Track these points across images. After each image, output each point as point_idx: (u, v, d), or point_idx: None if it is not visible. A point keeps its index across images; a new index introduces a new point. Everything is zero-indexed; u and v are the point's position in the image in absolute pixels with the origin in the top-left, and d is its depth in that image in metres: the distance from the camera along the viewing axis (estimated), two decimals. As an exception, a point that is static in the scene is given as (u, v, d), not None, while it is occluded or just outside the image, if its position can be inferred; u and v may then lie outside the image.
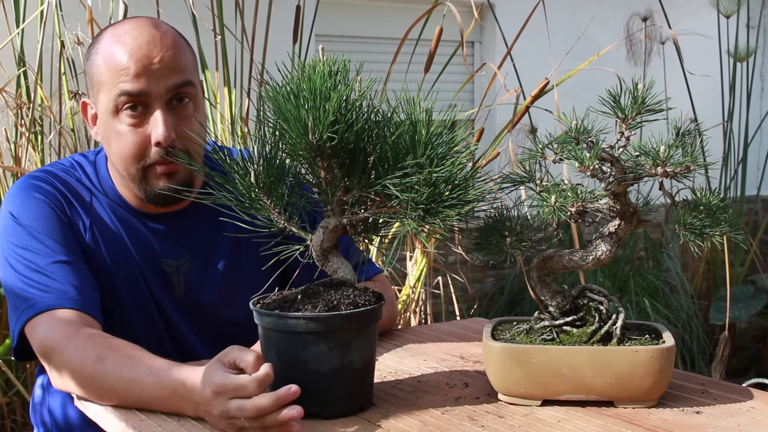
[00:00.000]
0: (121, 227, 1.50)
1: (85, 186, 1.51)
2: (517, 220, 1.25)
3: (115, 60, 1.39)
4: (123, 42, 1.40)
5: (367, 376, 1.22)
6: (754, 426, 1.13)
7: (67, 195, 1.47)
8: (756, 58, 4.91)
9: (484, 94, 2.62)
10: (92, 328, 1.34)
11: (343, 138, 1.10)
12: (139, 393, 1.19)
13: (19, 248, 1.40)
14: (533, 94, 2.39)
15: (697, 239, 1.18)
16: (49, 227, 1.42)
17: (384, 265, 2.70)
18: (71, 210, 1.47)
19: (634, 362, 1.17)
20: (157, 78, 1.39)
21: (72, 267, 1.40)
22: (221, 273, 1.55)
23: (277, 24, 2.72)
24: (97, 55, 1.43)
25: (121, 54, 1.39)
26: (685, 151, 1.14)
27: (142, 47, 1.39)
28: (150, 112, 1.40)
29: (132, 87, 1.38)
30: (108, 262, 1.48)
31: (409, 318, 2.78)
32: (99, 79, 1.42)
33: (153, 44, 1.40)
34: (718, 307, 4.21)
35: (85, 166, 1.53)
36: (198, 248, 1.54)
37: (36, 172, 1.51)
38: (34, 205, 1.44)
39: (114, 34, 1.42)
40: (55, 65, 2.61)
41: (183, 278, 1.53)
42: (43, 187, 1.46)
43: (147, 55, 1.39)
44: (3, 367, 2.23)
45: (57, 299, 1.35)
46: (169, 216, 1.52)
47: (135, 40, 1.40)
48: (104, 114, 1.43)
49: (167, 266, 1.52)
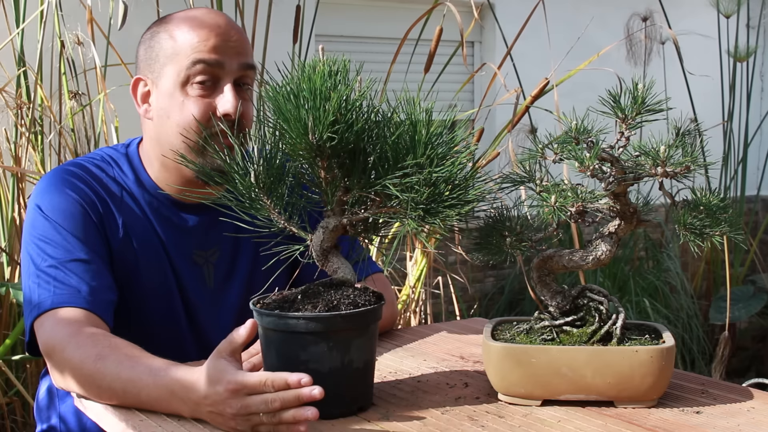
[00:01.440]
0: (153, 219, 1.50)
1: (117, 181, 1.50)
2: (517, 220, 1.25)
3: (192, 32, 1.43)
4: (200, 20, 1.45)
5: (367, 376, 1.22)
6: (754, 426, 1.13)
7: (98, 191, 1.47)
8: (756, 58, 4.91)
9: (484, 94, 2.62)
10: (97, 328, 1.34)
11: (343, 138, 1.10)
12: (137, 393, 1.19)
13: (42, 242, 1.40)
14: (533, 94, 2.39)
15: (697, 239, 1.18)
16: (75, 224, 1.42)
17: (384, 265, 2.70)
18: (103, 206, 1.46)
19: (634, 362, 1.17)
20: (231, 54, 1.44)
21: (90, 266, 1.40)
22: (246, 267, 1.57)
23: (277, 24, 2.72)
24: (166, 33, 1.46)
25: (199, 28, 1.44)
26: (685, 151, 1.14)
27: (219, 25, 1.45)
28: (217, 87, 1.44)
29: (210, 56, 1.42)
30: (138, 256, 1.48)
31: (409, 318, 2.78)
32: (169, 52, 1.44)
33: (229, 25, 1.47)
34: (718, 307, 4.21)
35: (117, 159, 1.53)
36: (228, 240, 1.55)
37: (68, 165, 1.50)
38: (64, 200, 1.43)
39: (187, 16, 1.47)
40: (55, 65, 2.61)
41: (213, 269, 1.54)
42: (74, 183, 1.46)
43: (226, 32, 1.45)
44: (3, 367, 2.23)
45: (67, 297, 1.35)
46: (202, 207, 1.52)
47: (212, 19, 1.46)
48: (169, 86, 1.44)
49: (198, 257, 1.53)
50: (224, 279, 1.55)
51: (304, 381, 1.06)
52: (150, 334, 1.36)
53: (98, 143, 2.63)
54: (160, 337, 1.35)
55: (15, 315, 2.50)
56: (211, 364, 1.13)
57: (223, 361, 1.12)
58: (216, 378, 1.10)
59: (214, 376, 1.11)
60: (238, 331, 1.14)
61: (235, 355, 1.14)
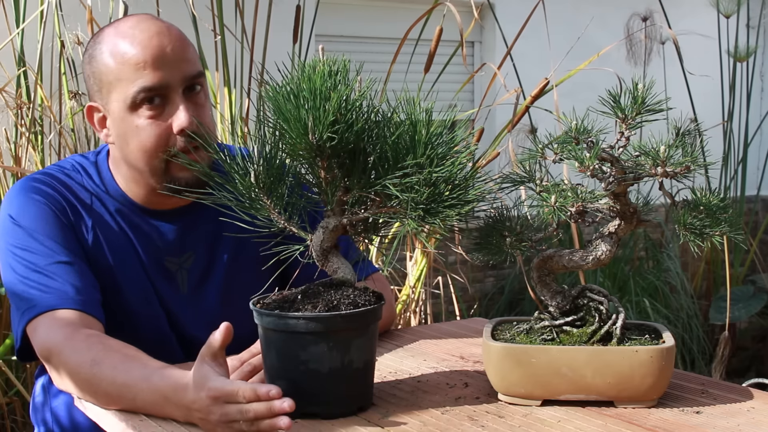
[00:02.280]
0: (125, 226, 1.50)
1: (86, 188, 1.50)
2: (517, 220, 1.25)
3: (127, 56, 1.37)
4: (131, 37, 1.38)
5: (367, 376, 1.22)
6: (754, 426, 1.13)
7: (67, 196, 1.47)
8: (756, 58, 4.91)
9: (484, 94, 2.62)
10: (91, 328, 1.33)
11: (343, 138, 1.10)
12: (132, 398, 1.19)
13: (19, 249, 1.40)
14: (533, 94, 2.39)
15: (697, 239, 1.18)
16: (49, 228, 1.42)
17: (384, 265, 2.70)
18: (72, 211, 1.46)
19: (634, 362, 1.17)
20: (172, 68, 1.38)
21: (72, 267, 1.40)
22: (225, 269, 1.56)
23: (277, 24, 2.72)
24: (103, 54, 1.40)
25: (132, 49, 1.37)
26: (685, 151, 1.14)
27: (152, 39, 1.38)
28: (167, 103, 1.39)
29: (152, 81, 1.37)
30: (111, 262, 1.47)
31: (409, 318, 2.78)
32: (110, 78, 1.40)
33: (162, 35, 1.39)
34: (718, 307, 4.21)
35: (86, 167, 1.52)
36: (203, 243, 1.54)
37: (35, 174, 1.50)
38: (34, 206, 1.43)
39: (118, 32, 1.40)
40: (55, 65, 2.61)
41: (186, 275, 1.53)
42: (42, 189, 1.45)
43: (159, 46, 1.37)
44: (3, 367, 2.23)
45: (57, 300, 1.35)
46: (174, 213, 1.52)
47: (143, 33, 1.38)
48: (119, 111, 1.41)
49: (170, 264, 1.52)
50: (199, 284, 1.54)
51: (273, 393, 1.05)
52: (136, 337, 1.36)
53: (98, 143, 2.63)
54: (146, 339, 1.35)
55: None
56: (195, 369, 1.13)
57: (206, 366, 1.12)
58: (199, 384, 1.11)
59: (198, 382, 1.11)
60: (214, 335, 1.13)
61: (217, 359, 1.14)
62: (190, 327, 1.53)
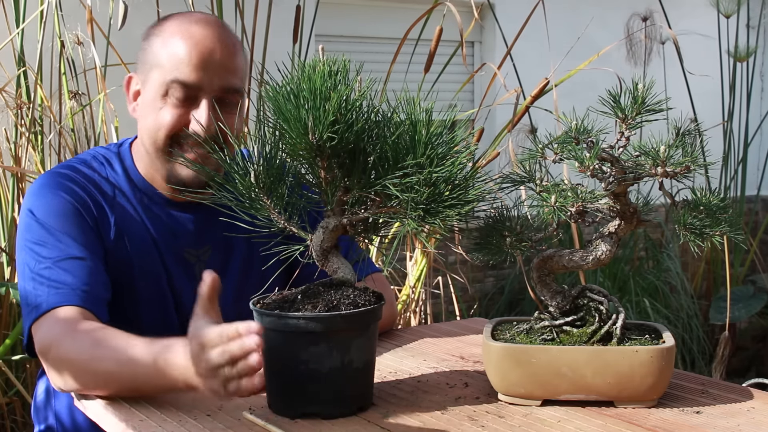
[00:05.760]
0: (146, 217, 1.51)
1: (109, 180, 1.51)
2: (517, 220, 1.25)
3: (176, 47, 1.43)
4: (188, 32, 1.43)
5: (367, 376, 1.22)
6: (754, 426, 1.13)
7: (92, 192, 1.48)
8: (756, 58, 4.91)
9: (484, 94, 2.62)
10: (91, 322, 1.34)
11: (343, 138, 1.10)
12: (133, 374, 1.20)
13: (36, 245, 1.41)
14: (533, 94, 2.39)
15: (697, 239, 1.18)
16: (68, 225, 1.42)
17: (384, 265, 2.70)
18: (96, 207, 1.47)
19: (634, 362, 1.17)
20: (211, 74, 1.43)
21: (83, 263, 1.40)
22: (239, 266, 1.57)
23: (277, 24, 2.72)
24: (159, 38, 1.46)
25: (183, 43, 1.43)
26: (685, 151, 1.14)
27: (205, 41, 1.43)
28: (195, 103, 1.44)
29: (187, 78, 1.42)
30: (130, 254, 1.48)
31: (409, 318, 2.78)
32: (155, 60, 1.45)
33: (216, 41, 1.44)
34: (718, 307, 4.21)
35: (110, 158, 1.54)
36: (220, 238, 1.55)
37: (59, 167, 1.51)
38: (56, 202, 1.44)
39: (182, 22, 1.46)
40: (55, 65, 2.61)
41: (204, 267, 1.53)
42: (66, 185, 1.46)
43: (209, 50, 1.43)
44: (3, 367, 2.23)
45: (62, 297, 1.35)
46: (195, 205, 1.53)
47: (201, 32, 1.43)
48: (151, 91, 1.45)
49: (190, 255, 1.54)
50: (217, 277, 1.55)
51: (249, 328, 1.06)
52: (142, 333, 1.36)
53: (98, 143, 2.63)
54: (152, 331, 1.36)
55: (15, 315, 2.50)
56: (190, 326, 1.14)
57: (199, 321, 1.14)
58: (192, 335, 1.13)
59: (191, 334, 1.13)
60: (201, 287, 1.16)
61: (210, 313, 1.15)
62: None
